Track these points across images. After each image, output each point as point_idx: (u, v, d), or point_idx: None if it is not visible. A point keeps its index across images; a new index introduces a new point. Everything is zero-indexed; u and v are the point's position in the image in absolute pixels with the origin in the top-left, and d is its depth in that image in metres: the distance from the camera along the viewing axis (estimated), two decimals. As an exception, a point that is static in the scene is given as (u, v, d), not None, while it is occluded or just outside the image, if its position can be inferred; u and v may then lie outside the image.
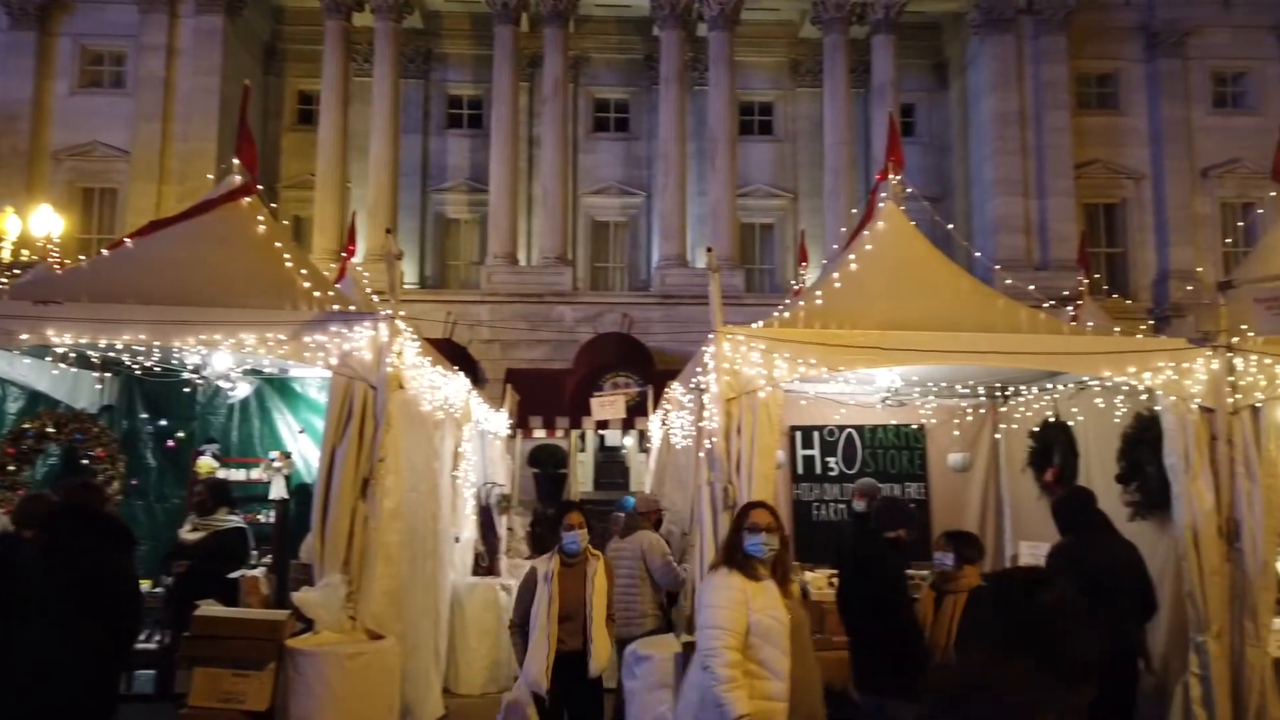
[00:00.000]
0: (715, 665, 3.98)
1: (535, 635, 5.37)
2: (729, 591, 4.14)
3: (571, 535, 5.63)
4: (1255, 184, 21.82)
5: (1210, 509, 5.85)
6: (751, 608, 4.10)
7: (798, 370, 6.02)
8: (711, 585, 4.24)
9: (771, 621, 4.13)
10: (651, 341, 21.32)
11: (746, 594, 4.12)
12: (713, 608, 4.13)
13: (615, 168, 24.78)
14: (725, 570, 4.26)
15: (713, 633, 4.06)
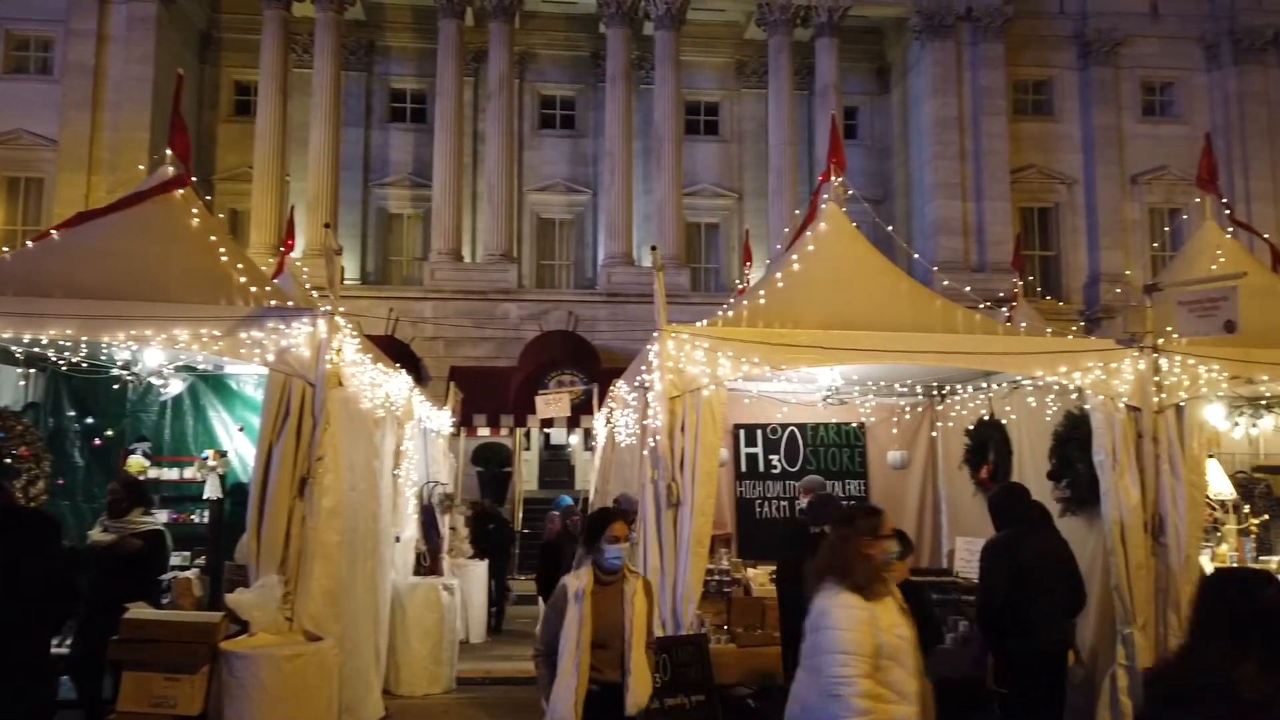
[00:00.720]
0: (848, 695, 3.65)
1: (563, 664, 4.54)
2: (852, 612, 3.77)
3: (615, 550, 4.71)
4: (1181, 190, 22.61)
5: (1136, 505, 6.04)
6: (879, 627, 3.78)
7: (741, 369, 6.08)
8: (829, 605, 3.84)
9: (899, 641, 3.83)
10: (597, 340, 21.29)
11: (872, 613, 3.79)
12: (837, 630, 3.74)
13: (561, 165, 24.69)
14: (838, 589, 3.85)
15: (841, 658, 3.69)
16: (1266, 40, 24.17)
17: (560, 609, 4.67)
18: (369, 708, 6.99)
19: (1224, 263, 6.80)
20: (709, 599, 6.73)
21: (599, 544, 4.73)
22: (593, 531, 4.80)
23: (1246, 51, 24.21)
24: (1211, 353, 6.07)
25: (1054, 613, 5.74)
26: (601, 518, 4.90)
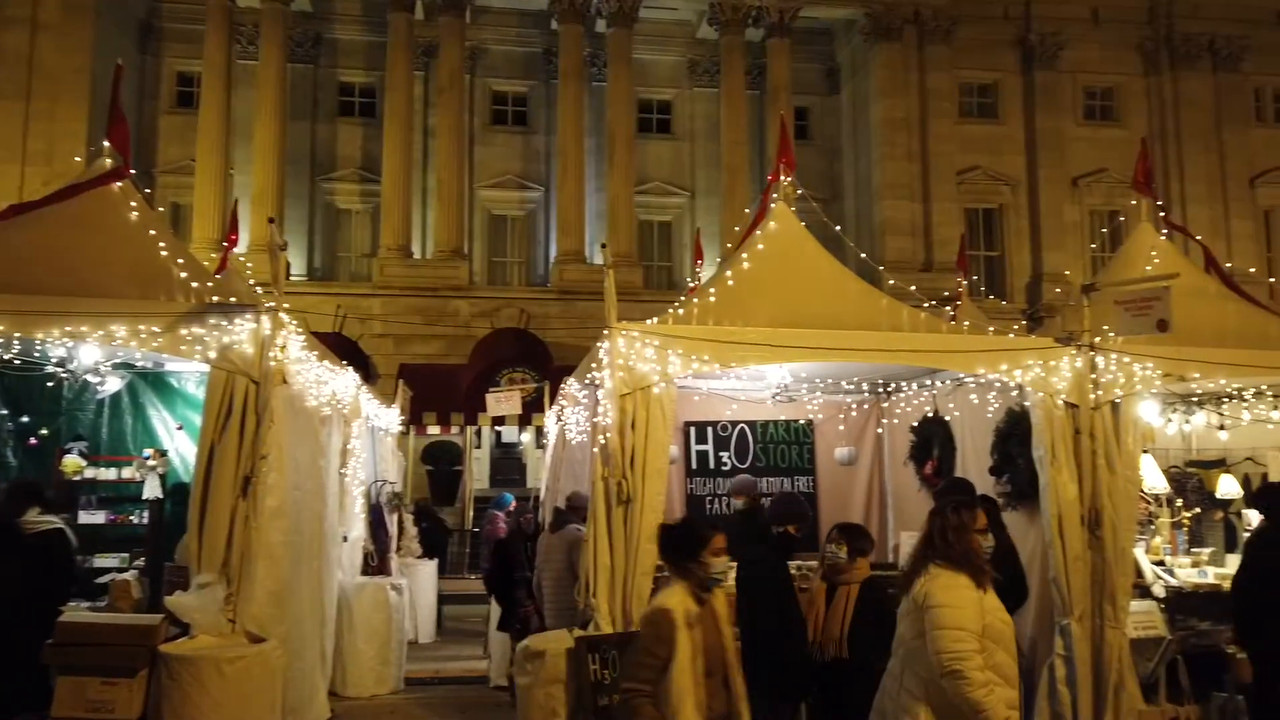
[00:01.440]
0: (967, 669, 3.65)
1: (684, 705, 3.85)
2: (962, 591, 3.80)
3: (721, 565, 4.21)
4: (1120, 193, 23.19)
5: (1074, 499, 6.20)
6: (985, 609, 3.83)
7: (691, 366, 6.12)
8: (939, 585, 3.85)
9: (1003, 625, 3.88)
10: (550, 337, 21.23)
11: (980, 596, 3.82)
12: (948, 607, 3.78)
13: (513, 161, 24.55)
14: (952, 570, 3.88)
15: (955, 634, 3.71)
16: (1202, 47, 24.93)
17: (667, 638, 3.93)
18: (314, 709, 6.90)
19: (1158, 264, 6.99)
20: (659, 595, 6.76)
21: (701, 558, 4.13)
22: (691, 544, 4.17)
23: (1183, 58, 24.95)
24: (1146, 351, 6.25)
25: (996, 604, 5.86)
26: (702, 529, 4.28)
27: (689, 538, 4.21)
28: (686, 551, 4.16)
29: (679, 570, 4.15)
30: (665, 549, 4.30)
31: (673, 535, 4.31)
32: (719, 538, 4.19)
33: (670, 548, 4.25)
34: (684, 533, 4.29)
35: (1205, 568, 7.47)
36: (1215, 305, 7.08)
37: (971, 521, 4.07)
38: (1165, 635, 6.44)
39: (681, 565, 4.17)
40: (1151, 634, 6.44)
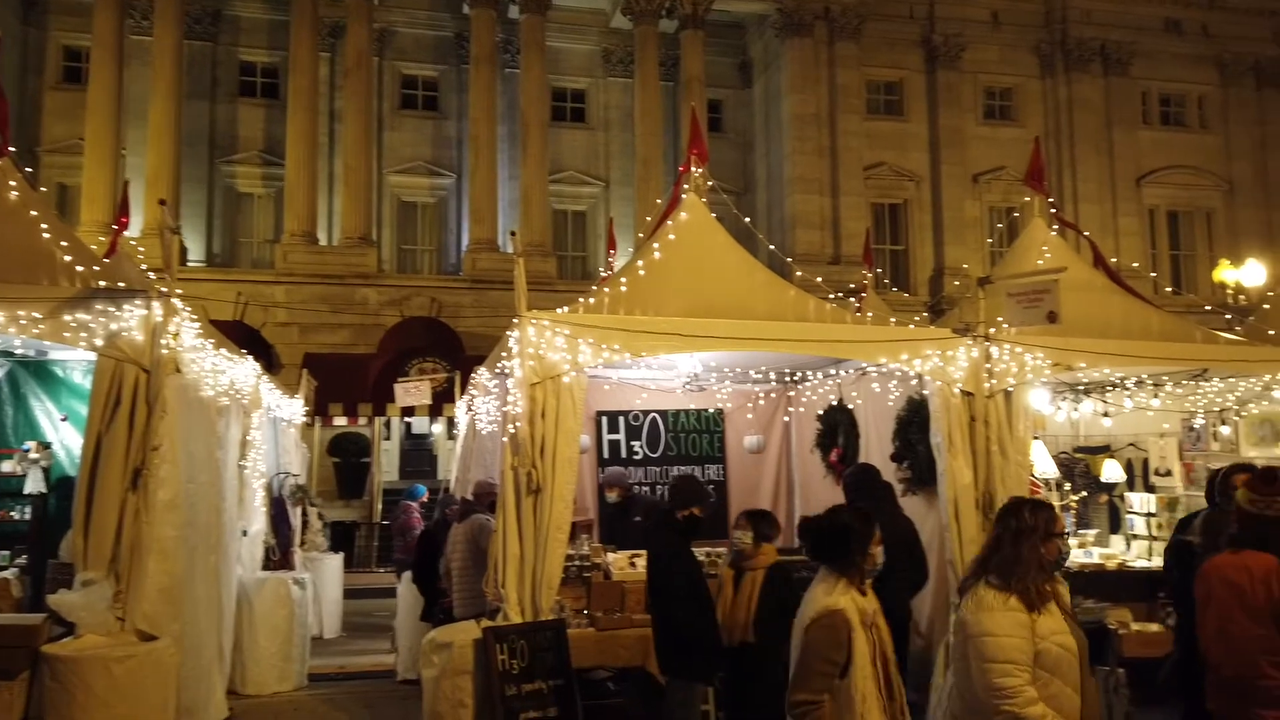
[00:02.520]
0: (1023, 709, 3.26)
1: (859, 710, 3.50)
2: (1011, 615, 3.36)
3: (883, 555, 3.86)
4: (1017, 190, 24.09)
5: (969, 484, 6.44)
6: (1037, 634, 3.37)
7: (601, 355, 6.12)
8: (984, 607, 3.42)
9: (1061, 651, 3.40)
10: (461, 326, 20.94)
11: (1030, 618, 3.39)
12: (995, 637, 3.34)
13: (424, 147, 24.08)
14: (999, 591, 3.43)
15: (1005, 668, 3.30)
16: (1094, 51, 26.07)
17: (843, 641, 3.50)
18: (211, 709, 6.68)
19: (1049, 258, 7.29)
20: (569, 584, 6.76)
21: (867, 550, 3.72)
22: (855, 538, 3.71)
23: (1076, 61, 26.05)
24: (1036, 341, 6.52)
25: (897, 587, 6.03)
26: (865, 520, 3.80)
27: (854, 530, 3.75)
28: (853, 544, 3.70)
29: (840, 566, 3.68)
30: (822, 544, 3.76)
31: (834, 528, 3.77)
32: (878, 529, 3.83)
33: (829, 542, 3.74)
34: (846, 525, 3.79)
35: (1091, 548, 7.87)
36: (1102, 298, 7.42)
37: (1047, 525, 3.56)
38: (1052, 613, 6.74)
39: (844, 560, 3.69)
40: (1040, 612, 6.73)
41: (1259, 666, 3.81)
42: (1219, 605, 3.97)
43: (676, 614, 5.40)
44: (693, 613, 5.35)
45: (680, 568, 5.42)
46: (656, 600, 5.59)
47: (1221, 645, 3.94)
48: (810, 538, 3.82)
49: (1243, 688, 3.86)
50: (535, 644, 5.45)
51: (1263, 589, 3.87)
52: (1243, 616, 3.89)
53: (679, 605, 5.38)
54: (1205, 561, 4.12)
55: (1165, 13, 26.61)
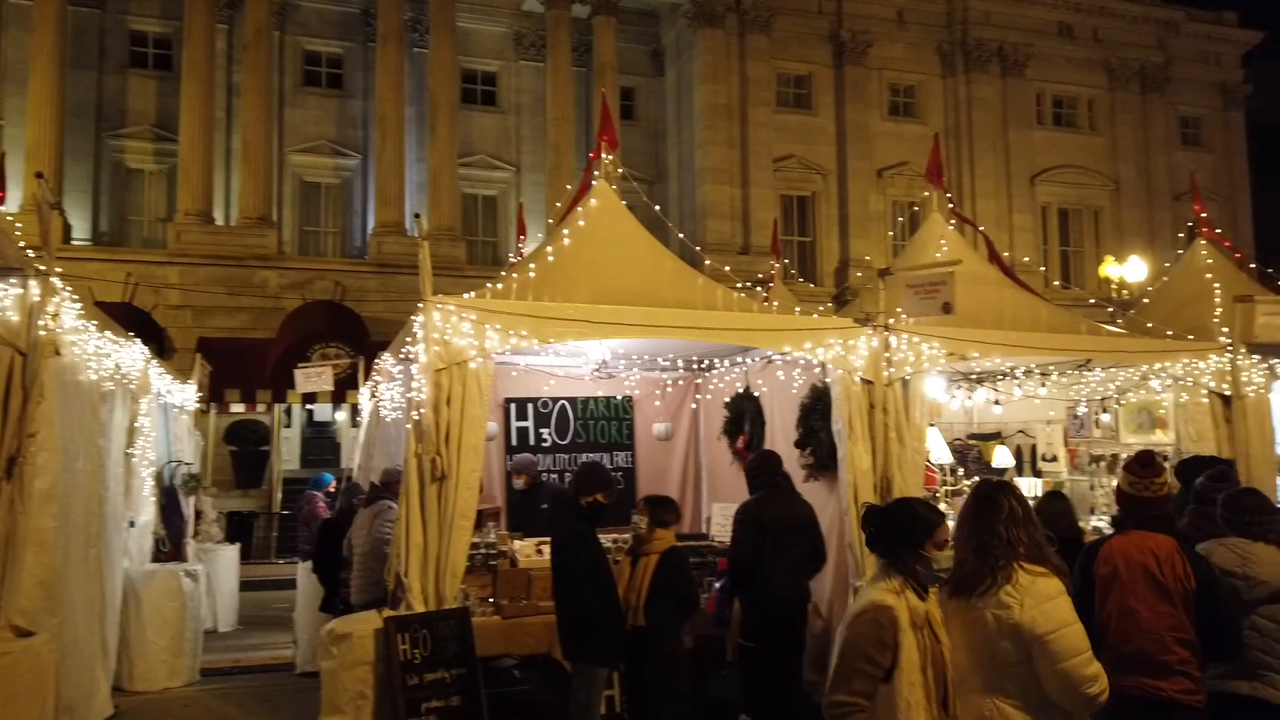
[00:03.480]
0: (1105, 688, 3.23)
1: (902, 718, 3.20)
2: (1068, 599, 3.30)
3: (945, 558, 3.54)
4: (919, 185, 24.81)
5: (867, 469, 6.61)
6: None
7: (509, 341, 6.06)
8: (1049, 598, 3.25)
9: None
10: (366, 311, 20.46)
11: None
12: (1071, 625, 3.23)
13: (328, 126, 23.36)
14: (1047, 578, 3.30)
15: (1088, 655, 3.21)
16: (992, 53, 27.02)
17: (889, 641, 3.17)
18: (94, 706, 6.39)
19: (946, 251, 7.53)
20: (475, 572, 6.70)
21: (925, 549, 3.37)
22: (913, 531, 3.39)
23: (976, 62, 26.96)
24: (933, 332, 6.73)
25: (796, 569, 6.16)
26: (926, 514, 3.47)
27: (910, 524, 3.41)
28: (905, 540, 3.36)
29: (895, 563, 3.35)
30: (878, 537, 3.44)
31: (888, 520, 3.46)
32: (943, 527, 3.45)
33: (884, 535, 3.42)
34: (903, 518, 3.45)
35: (981, 531, 8.17)
36: (995, 291, 7.71)
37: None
38: (946, 593, 7.00)
39: (899, 557, 3.36)
40: (934, 593, 6.99)
41: (1165, 643, 3.88)
42: (1124, 585, 4.01)
43: (578, 599, 5.40)
44: (593, 597, 5.37)
45: (583, 553, 5.42)
46: (559, 585, 5.58)
47: (1126, 623, 3.97)
48: (870, 528, 3.48)
49: (1142, 662, 3.91)
50: (438, 633, 5.38)
51: (1169, 569, 3.94)
52: (1152, 596, 3.94)
53: (581, 590, 5.39)
54: (1104, 543, 4.18)
55: (1059, 17, 27.76)
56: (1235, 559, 4.06)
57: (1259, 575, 4.00)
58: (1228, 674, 4.07)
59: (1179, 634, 3.89)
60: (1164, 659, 3.88)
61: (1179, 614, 3.90)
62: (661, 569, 5.44)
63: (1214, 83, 29.68)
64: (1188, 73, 29.27)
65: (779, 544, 6.01)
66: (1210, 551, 4.16)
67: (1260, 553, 4.06)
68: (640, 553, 5.50)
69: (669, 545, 5.61)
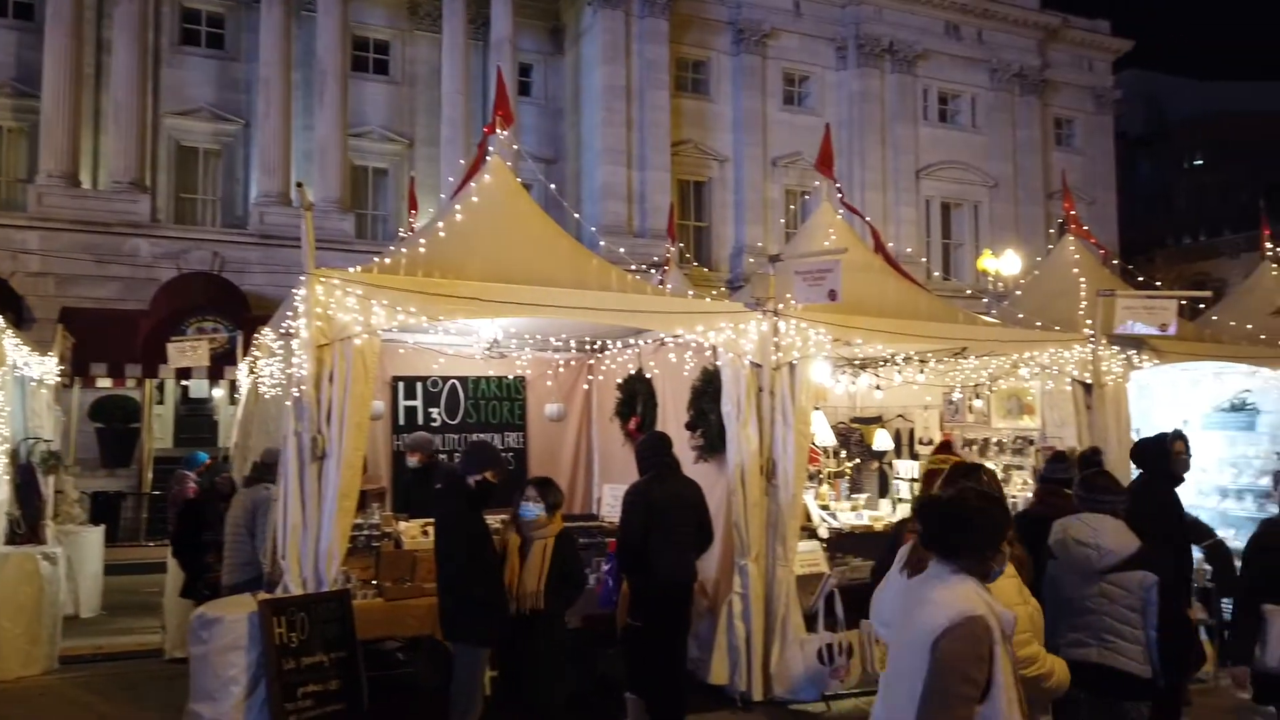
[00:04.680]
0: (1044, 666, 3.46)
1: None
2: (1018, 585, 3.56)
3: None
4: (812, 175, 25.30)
5: (755, 451, 6.77)
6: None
7: (396, 318, 5.92)
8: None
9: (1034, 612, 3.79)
10: (247, 284, 19.62)
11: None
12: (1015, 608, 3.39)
13: (207, 88, 22.20)
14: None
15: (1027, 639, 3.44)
16: (883, 48, 27.78)
17: (987, 655, 2.78)
18: (-62, 700, 5.96)
19: (834, 240, 7.73)
20: (358, 554, 6.55)
21: (1003, 547, 3.02)
22: (996, 530, 3.00)
23: (867, 56, 27.68)
24: (819, 318, 6.91)
25: (682, 549, 6.23)
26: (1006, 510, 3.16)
27: (993, 521, 3.01)
28: (987, 539, 2.96)
29: (969, 563, 2.93)
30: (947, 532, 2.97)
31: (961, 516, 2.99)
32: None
33: (957, 530, 2.96)
34: (984, 514, 3.01)
35: (862, 511, 8.47)
36: (879, 280, 7.96)
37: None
38: (826, 571, 7.23)
39: (978, 556, 2.94)
40: (814, 571, 7.22)
41: None
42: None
43: (460, 579, 5.33)
44: (475, 577, 5.31)
45: (465, 532, 5.34)
46: (441, 565, 5.51)
47: None
48: (932, 523, 3.03)
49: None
50: (317, 616, 5.24)
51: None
52: None
53: (462, 570, 5.32)
54: None
55: (947, 17, 28.75)
56: (1088, 531, 4.39)
57: (1107, 545, 4.33)
58: (1078, 642, 4.36)
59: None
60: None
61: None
62: (559, 552, 5.43)
63: (1087, 87, 31.30)
64: (1063, 77, 30.79)
65: (667, 525, 6.07)
66: (1066, 526, 4.48)
67: (1107, 525, 4.40)
68: (533, 536, 5.45)
69: (561, 528, 5.60)
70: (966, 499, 3.05)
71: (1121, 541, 4.36)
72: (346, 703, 5.28)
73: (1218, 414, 10.24)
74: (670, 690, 6.03)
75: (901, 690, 2.83)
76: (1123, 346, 8.07)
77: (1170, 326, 7.84)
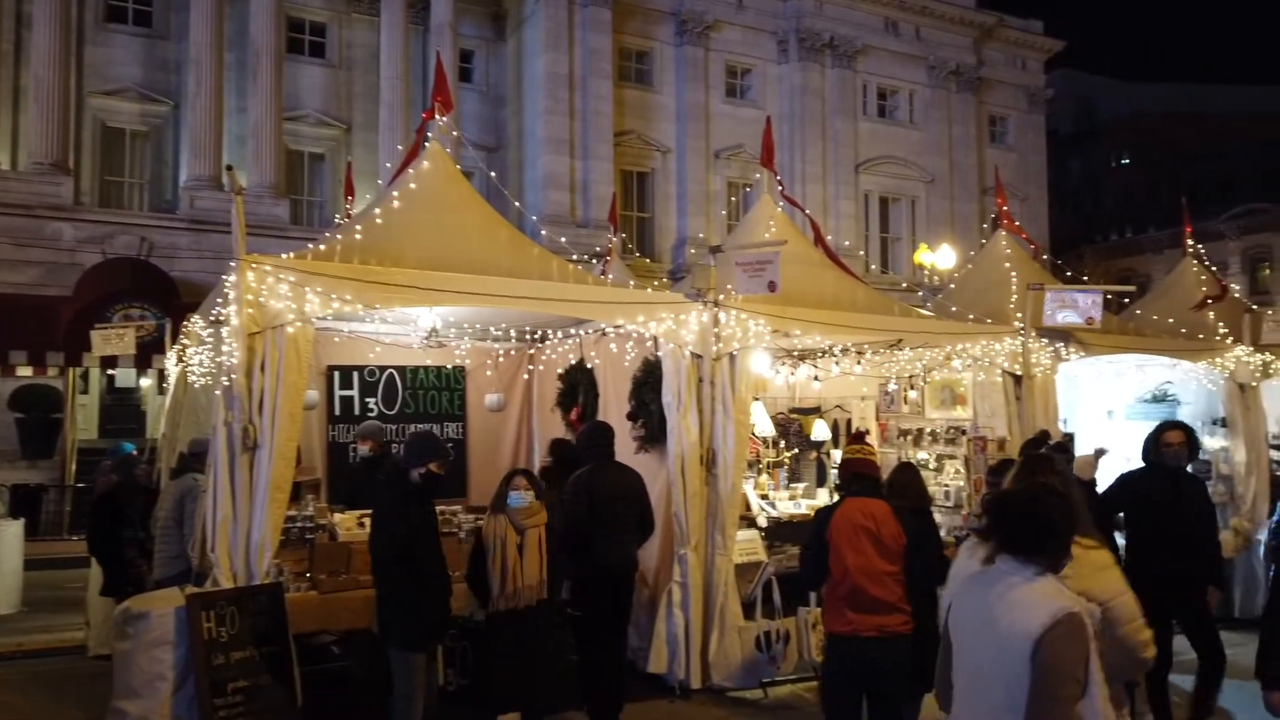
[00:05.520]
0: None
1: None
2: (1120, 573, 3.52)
3: None
4: (754, 167, 25.54)
5: (695, 441, 6.80)
6: None
7: (331, 305, 5.81)
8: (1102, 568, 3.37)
9: None
10: (177, 270, 19.06)
11: None
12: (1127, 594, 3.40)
13: (134, 67, 21.45)
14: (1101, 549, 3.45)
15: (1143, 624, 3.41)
16: (824, 43, 28.06)
17: (1086, 654, 2.72)
18: None
19: (774, 232, 7.80)
20: (291, 546, 6.42)
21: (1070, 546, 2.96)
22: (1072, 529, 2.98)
23: (809, 50, 27.92)
24: (759, 309, 6.97)
25: (624, 538, 6.24)
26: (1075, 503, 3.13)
27: (1070, 520, 2.97)
28: (1066, 538, 2.93)
29: (1051, 560, 2.87)
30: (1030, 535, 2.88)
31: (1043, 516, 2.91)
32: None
33: (1037, 530, 2.89)
34: (1064, 513, 2.94)
35: (800, 500, 8.58)
36: (818, 272, 8.05)
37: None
38: (764, 560, 7.31)
39: (1059, 555, 2.90)
40: (753, 559, 7.29)
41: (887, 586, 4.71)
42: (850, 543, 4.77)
43: (391, 577, 5.17)
44: (406, 576, 5.11)
45: (403, 527, 5.15)
46: (373, 562, 5.34)
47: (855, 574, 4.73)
48: (1011, 523, 2.93)
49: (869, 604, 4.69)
50: (247, 610, 5.12)
51: (885, 528, 4.75)
52: (872, 550, 4.73)
53: (391, 568, 5.15)
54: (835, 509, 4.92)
55: (887, 13, 29.14)
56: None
57: None
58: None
59: (898, 580, 4.74)
60: (890, 601, 4.73)
61: (897, 563, 4.74)
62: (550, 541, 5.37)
63: (1020, 86, 32.04)
64: (998, 75, 31.46)
65: (609, 514, 6.07)
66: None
67: None
68: (527, 526, 5.28)
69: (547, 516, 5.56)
70: (1044, 499, 2.98)
71: None
72: (279, 698, 5.18)
73: (1140, 404, 10.61)
74: (611, 679, 6.04)
75: (992, 696, 2.76)
76: (1051, 339, 8.29)
77: (1096, 320, 8.08)
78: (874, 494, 4.92)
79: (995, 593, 2.83)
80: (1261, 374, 9.51)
